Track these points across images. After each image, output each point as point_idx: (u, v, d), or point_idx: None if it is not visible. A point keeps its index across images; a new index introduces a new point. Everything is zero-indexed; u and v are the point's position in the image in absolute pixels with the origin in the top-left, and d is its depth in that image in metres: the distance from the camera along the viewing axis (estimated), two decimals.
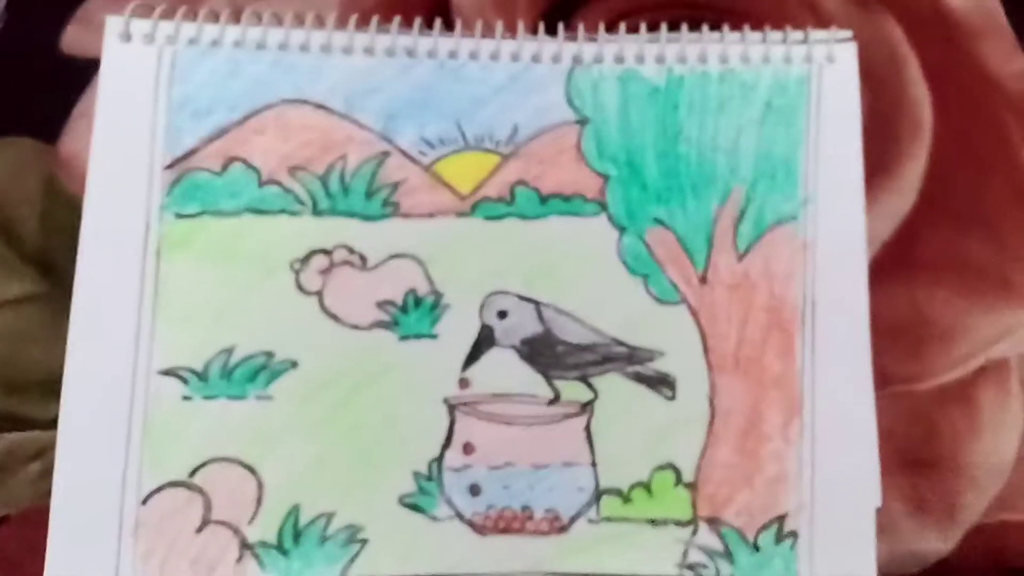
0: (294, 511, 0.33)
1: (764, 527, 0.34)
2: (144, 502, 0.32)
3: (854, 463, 0.34)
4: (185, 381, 0.33)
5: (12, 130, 0.38)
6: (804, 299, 0.35)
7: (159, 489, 0.32)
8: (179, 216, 0.34)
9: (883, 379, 0.36)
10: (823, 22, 0.37)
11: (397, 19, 0.36)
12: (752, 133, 0.36)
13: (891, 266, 0.38)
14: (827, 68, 0.36)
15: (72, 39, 0.39)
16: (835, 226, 0.35)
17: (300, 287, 0.34)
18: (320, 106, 0.35)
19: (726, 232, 0.35)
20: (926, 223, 0.38)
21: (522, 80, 0.36)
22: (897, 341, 0.37)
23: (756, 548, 0.34)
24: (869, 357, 0.35)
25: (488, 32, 0.36)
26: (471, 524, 0.33)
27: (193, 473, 0.33)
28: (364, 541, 0.33)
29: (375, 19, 0.36)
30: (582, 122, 0.36)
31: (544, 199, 0.35)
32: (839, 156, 0.36)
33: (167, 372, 0.33)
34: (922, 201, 0.39)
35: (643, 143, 0.36)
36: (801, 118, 0.36)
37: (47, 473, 0.33)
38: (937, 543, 0.36)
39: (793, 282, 0.35)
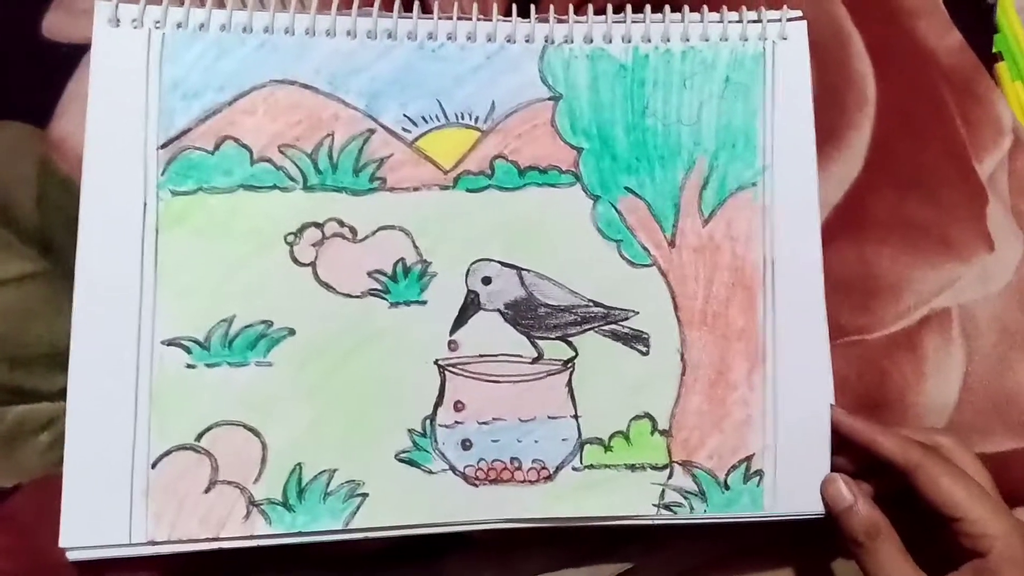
0: (297, 469, 0.34)
1: (733, 468, 0.36)
2: (153, 466, 0.34)
3: (812, 407, 0.37)
4: (188, 350, 0.34)
5: (2, 115, 0.38)
6: (764, 259, 0.37)
7: (167, 453, 0.34)
8: (175, 193, 0.35)
9: (837, 331, 0.39)
10: (775, 3, 0.39)
11: (377, 3, 0.37)
12: (713, 106, 0.38)
13: (841, 228, 0.40)
14: (780, 45, 0.39)
15: (53, 25, 0.40)
16: (791, 191, 0.38)
17: (295, 259, 0.35)
18: (307, 86, 0.36)
19: (692, 199, 0.37)
20: (872, 187, 0.41)
21: (498, 60, 0.37)
22: (849, 296, 0.40)
23: (726, 487, 0.36)
24: (824, 310, 0.37)
25: (464, 15, 0.38)
26: (464, 476, 0.35)
27: (199, 437, 0.34)
28: (364, 495, 0.35)
29: (356, 3, 0.37)
30: (555, 98, 0.37)
31: (522, 171, 0.37)
32: (793, 126, 0.38)
33: (170, 342, 0.34)
34: (868, 167, 0.41)
35: (613, 117, 0.38)
36: (758, 91, 0.38)
37: (57, 443, 0.34)
38: None
39: (754, 243, 0.37)
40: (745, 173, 0.38)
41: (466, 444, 0.35)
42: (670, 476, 0.36)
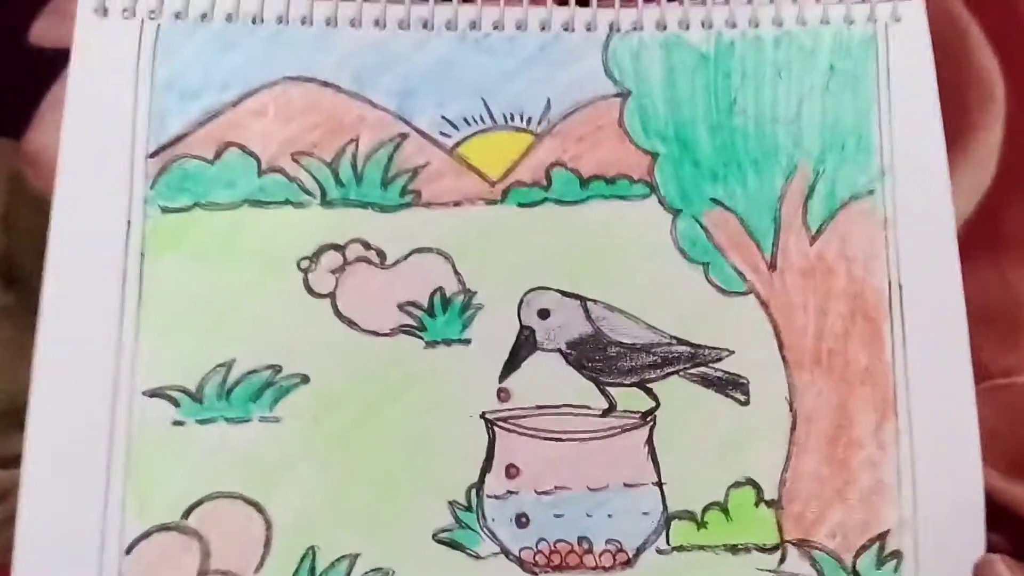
0: (310, 554, 0.30)
1: (863, 549, 0.30)
2: (128, 551, 0.29)
3: (958, 469, 0.31)
4: (176, 403, 0.30)
5: None
6: (890, 283, 0.32)
7: (146, 535, 0.30)
8: (166, 210, 0.31)
9: (979, 372, 0.32)
10: None
11: None
12: (816, 100, 0.33)
13: (976, 245, 0.34)
14: (894, 27, 0.34)
15: (42, 30, 0.36)
16: (918, 199, 0.32)
17: (310, 289, 0.31)
18: (327, 84, 0.32)
19: (794, 211, 0.32)
20: (1009, 197, 0.36)
21: (553, 51, 0.33)
22: (991, 328, 0.34)
23: (855, 574, 0.30)
24: (967, 346, 0.31)
25: (513, 0, 0.33)
26: (519, 562, 0.30)
27: (187, 514, 0.30)
28: None
29: None
30: (623, 95, 0.33)
31: (585, 182, 0.32)
32: (916, 122, 0.33)
33: (154, 393, 0.30)
34: (1001, 173, 0.36)
35: (693, 116, 0.33)
36: (870, 82, 0.33)
37: (8, 523, 0.29)
38: None
39: (876, 264, 0.32)
40: (860, 179, 0.33)
41: (522, 520, 0.30)
42: (782, 560, 0.30)
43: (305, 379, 0.30)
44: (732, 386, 0.31)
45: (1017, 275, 0.35)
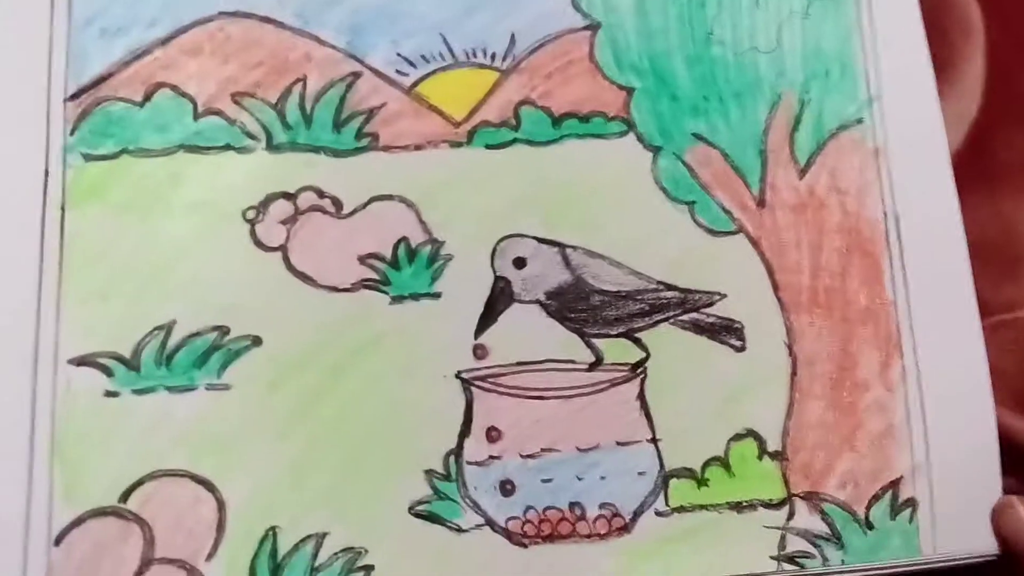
0: (270, 536, 0.28)
1: (875, 498, 0.29)
2: (57, 542, 0.27)
3: (970, 409, 0.30)
4: (108, 372, 0.28)
5: None
6: (885, 215, 0.31)
7: (78, 522, 0.27)
8: (89, 158, 0.30)
9: (981, 309, 0.31)
10: None
11: None
12: (796, 27, 0.32)
13: (968, 177, 0.33)
14: None
15: None
16: (908, 126, 0.31)
17: (257, 241, 0.30)
18: (268, 20, 0.31)
19: (781, 144, 0.31)
20: (997, 126, 0.35)
21: None
22: (989, 262, 0.33)
23: (868, 525, 0.29)
24: (970, 276, 0.30)
25: None
26: (506, 533, 0.29)
27: (125, 496, 0.28)
28: (369, 568, 0.28)
29: None
30: (593, 27, 0.32)
31: (556, 120, 0.31)
32: (902, 47, 0.32)
33: (82, 361, 0.28)
34: (987, 104, 0.35)
35: (668, 47, 0.32)
36: (850, 5, 0.32)
37: None
38: None
39: (869, 196, 0.31)
40: (847, 108, 0.31)
41: (507, 488, 0.29)
42: (791, 516, 0.29)
43: (257, 341, 0.29)
44: (726, 331, 0.30)
45: (1012, 205, 0.34)
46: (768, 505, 0.29)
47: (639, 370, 0.29)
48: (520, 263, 0.30)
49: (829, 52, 0.32)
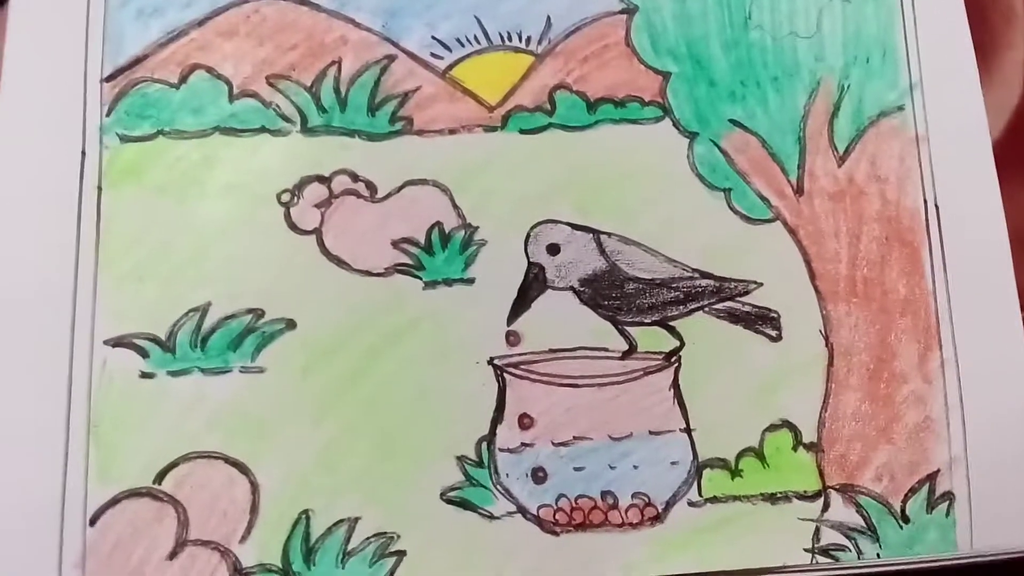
0: (303, 520, 0.27)
1: (912, 491, 0.29)
2: (92, 522, 0.27)
3: (1009, 401, 0.29)
4: (144, 353, 0.28)
5: None
6: (925, 204, 0.30)
7: (113, 502, 0.27)
8: (125, 139, 0.29)
9: (1021, 299, 0.30)
10: None
11: None
12: (836, 11, 0.31)
13: (1008, 165, 0.32)
14: None
15: None
16: (951, 114, 0.31)
17: (292, 225, 0.29)
18: (304, 2, 0.30)
19: (819, 130, 0.30)
20: None
21: None
22: None
23: (904, 519, 0.28)
24: (1011, 268, 0.30)
25: None
26: (538, 520, 0.28)
27: (160, 477, 0.28)
28: (401, 553, 0.28)
29: None
30: (630, 11, 0.31)
31: (592, 105, 0.31)
32: (944, 32, 0.31)
33: (118, 342, 0.28)
34: None
35: (706, 31, 0.31)
36: None
37: None
38: None
39: (909, 185, 0.30)
40: (888, 95, 0.31)
41: (539, 475, 0.28)
42: (825, 508, 0.28)
43: (291, 324, 0.28)
44: (762, 321, 0.29)
45: None
46: (803, 497, 0.28)
47: (673, 359, 0.29)
48: (554, 249, 0.29)
49: (870, 37, 0.31)
